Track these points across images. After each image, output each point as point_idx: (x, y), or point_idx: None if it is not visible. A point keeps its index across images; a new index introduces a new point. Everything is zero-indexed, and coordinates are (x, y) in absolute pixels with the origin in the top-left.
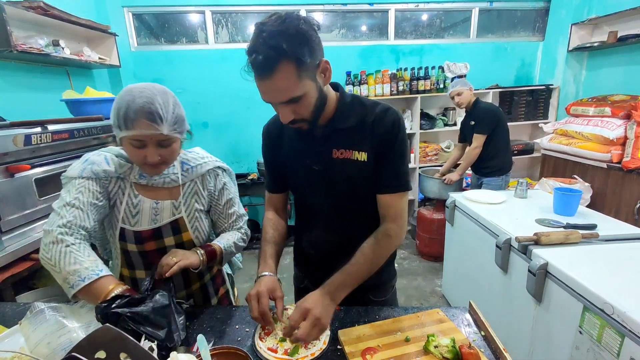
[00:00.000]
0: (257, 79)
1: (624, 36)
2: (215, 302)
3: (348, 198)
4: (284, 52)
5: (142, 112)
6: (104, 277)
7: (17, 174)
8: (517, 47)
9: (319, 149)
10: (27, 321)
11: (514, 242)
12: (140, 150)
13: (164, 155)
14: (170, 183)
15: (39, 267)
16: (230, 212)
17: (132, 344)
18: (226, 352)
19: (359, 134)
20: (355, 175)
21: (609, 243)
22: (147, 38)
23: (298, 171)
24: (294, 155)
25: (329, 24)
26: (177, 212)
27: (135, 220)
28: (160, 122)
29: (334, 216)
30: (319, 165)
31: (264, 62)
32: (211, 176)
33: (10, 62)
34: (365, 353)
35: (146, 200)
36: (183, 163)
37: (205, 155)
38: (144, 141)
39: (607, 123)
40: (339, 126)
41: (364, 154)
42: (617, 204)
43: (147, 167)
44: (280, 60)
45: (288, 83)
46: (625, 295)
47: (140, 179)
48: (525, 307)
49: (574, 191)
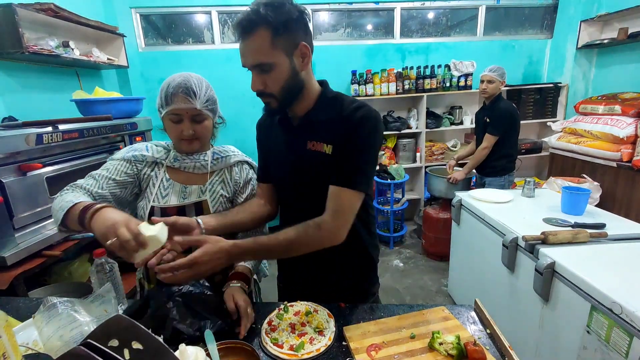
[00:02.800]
0: (239, 43)
1: (635, 32)
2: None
3: (314, 191)
4: (263, 17)
5: (179, 87)
6: (78, 203)
7: (29, 173)
8: (524, 45)
9: (295, 140)
10: (40, 315)
11: (521, 241)
12: (177, 125)
13: (197, 130)
14: (200, 168)
15: (51, 264)
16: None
17: (143, 333)
18: (233, 347)
19: (331, 128)
20: (320, 168)
21: (618, 242)
22: (154, 39)
23: (276, 160)
24: (276, 144)
25: (335, 23)
26: (202, 195)
27: (165, 200)
28: (194, 96)
29: (302, 208)
30: (293, 156)
31: (244, 23)
32: (239, 168)
33: (22, 64)
34: (370, 349)
35: (176, 183)
36: (214, 153)
37: (236, 150)
38: (181, 115)
39: (617, 121)
40: (315, 118)
41: (330, 147)
42: (628, 204)
43: (184, 143)
44: (258, 24)
45: (261, 47)
46: (634, 294)
47: (174, 162)
48: (532, 306)
49: (582, 190)
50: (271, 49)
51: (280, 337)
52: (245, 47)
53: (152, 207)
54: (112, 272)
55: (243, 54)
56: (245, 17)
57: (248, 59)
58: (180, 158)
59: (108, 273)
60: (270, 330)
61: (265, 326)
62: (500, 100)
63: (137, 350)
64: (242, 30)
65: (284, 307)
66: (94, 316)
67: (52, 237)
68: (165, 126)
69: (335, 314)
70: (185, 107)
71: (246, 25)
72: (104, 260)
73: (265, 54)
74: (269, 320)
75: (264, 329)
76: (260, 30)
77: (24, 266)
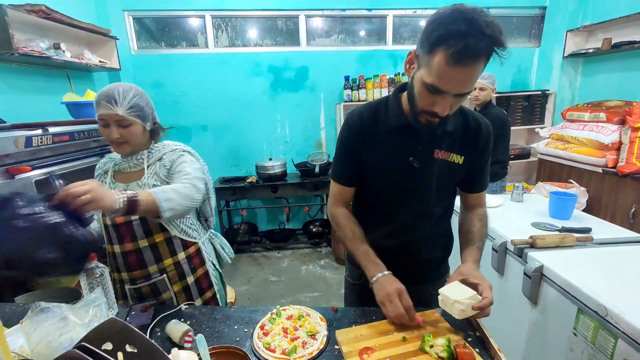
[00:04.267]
0: (454, 65)
1: (618, 43)
2: (200, 304)
3: (435, 195)
4: (495, 43)
5: (103, 96)
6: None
7: (17, 176)
8: (513, 53)
9: (422, 147)
10: (29, 320)
11: (510, 245)
12: (105, 129)
13: (123, 134)
14: (136, 167)
15: None
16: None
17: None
18: (225, 352)
19: (460, 138)
20: (449, 176)
21: (603, 246)
22: (147, 42)
23: (394, 166)
24: (393, 150)
25: (328, 29)
26: (139, 189)
27: None
28: (115, 104)
29: (414, 213)
30: (420, 163)
31: (479, 48)
32: (169, 155)
33: (11, 65)
34: (362, 353)
35: (119, 184)
36: (149, 150)
37: (168, 143)
38: (106, 120)
39: (602, 128)
40: (447, 128)
41: (461, 158)
42: (613, 208)
43: (114, 146)
44: (490, 52)
45: (478, 74)
46: (618, 297)
47: (114, 167)
48: (520, 309)
49: (569, 195)
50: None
51: (272, 341)
52: (466, 74)
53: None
54: (102, 276)
55: (458, 80)
56: (485, 42)
57: (464, 86)
58: (119, 162)
59: (98, 278)
60: (263, 334)
61: (258, 330)
62: (490, 107)
63: (131, 354)
64: (473, 57)
65: (276, 311)
66: (84, 321)
67: None
68: (99, 131)
69: (327, 318)
70: (107, 113)
71: (481, 52)
72: (94, 265)
73: (475, 81)
74: (262, 325)
75: (256, 333)
76: (484, 57)
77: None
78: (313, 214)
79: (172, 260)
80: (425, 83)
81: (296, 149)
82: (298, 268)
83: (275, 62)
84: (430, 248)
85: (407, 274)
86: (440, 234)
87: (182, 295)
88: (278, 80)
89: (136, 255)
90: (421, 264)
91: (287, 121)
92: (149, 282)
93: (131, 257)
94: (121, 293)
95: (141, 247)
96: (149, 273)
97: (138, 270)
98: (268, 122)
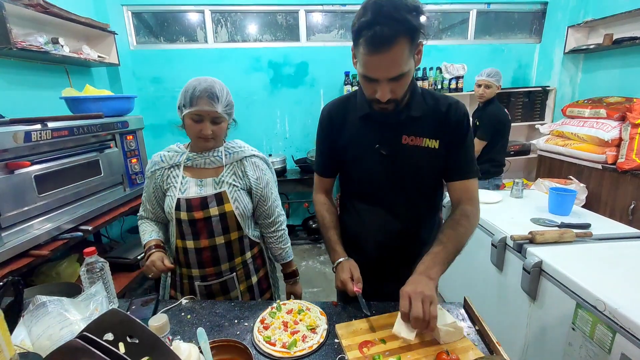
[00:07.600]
0: (371, 53)
1: (620, 39)
2: (256, 281)
3: (412, 183)
4: (406, 25)
5: (205, 91)
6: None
7: (16, 171)
8: (514, 49)
9: (388, 134)
10: (29, 314)
11: (509, 240)
12: (197, 125)
13: (215, 130)
14: (211, 164)
15: (38, 264)
16: (268, 206)
17: (139, 327)
18: (226, 345)
19: (430, 122)
20: (424, 162)
21: (602, 242)
22: (146, 37)
23: (364, 155)
24: (360, 139)
25: (328, 25)
26: (218, 187)
27: (185, 193)
28: (217, 101)
29: (396, 202)
30: (387, 150)
31: (387, 34)
32: (248, 162)
33: (9, 60)
34: (362, 346)
35: (192, 179)
36: (226, 149)
37: (243, 144)
38: (202, 116)
39: (603, 124)
40: (412, 114)
41: (436, 142)
42: (612, 205)
43: (201, 141)
44: (400, 33)
45: (402, 57)
46: (616, 292)
47: (187, 162)
48: (519, 304)
49: (569, 191)
50: (409, 57)
51: (272, 335)
52: (385, 60)
53: (178, 199)
54: (102, 271)
55: (379, 67)
56: (387, 26)
57: (387, 72)
58: (192, 157)
59: (99, 272)
60: (263, 328)
61: (258, 324)
62: (492, 104)
63: (133, 344)
64: (381, 44)
65: (276, 305)
66: (84, 315)
67: (39, 237)
68: (186, 124)
69: (327, 312)
70: (208, 110)
71: (388, 36)
72: (95, 259)
73: (404, 64)
74: (262, 319)
75: (256, 327)
76: (400, 39)
77: (10, 266)
78: (312, 210)
79: (241, 259)
80: (360, 74)
81: (296, 145)
82: (298, 264)
83: (275, 57)
84: (416, 243)
85: (393, 268)
86: (429, 229)
87: (246, 294)
88: (278, 76)
89: (211, 252)
90: (408, 260)
91: (287, 117)
92: (219, 280)
93: (205, 253)
94: (190, 289)
95: (217, 244)
96: (221, 271)
97: (210, 267)
98: (268, 118)
